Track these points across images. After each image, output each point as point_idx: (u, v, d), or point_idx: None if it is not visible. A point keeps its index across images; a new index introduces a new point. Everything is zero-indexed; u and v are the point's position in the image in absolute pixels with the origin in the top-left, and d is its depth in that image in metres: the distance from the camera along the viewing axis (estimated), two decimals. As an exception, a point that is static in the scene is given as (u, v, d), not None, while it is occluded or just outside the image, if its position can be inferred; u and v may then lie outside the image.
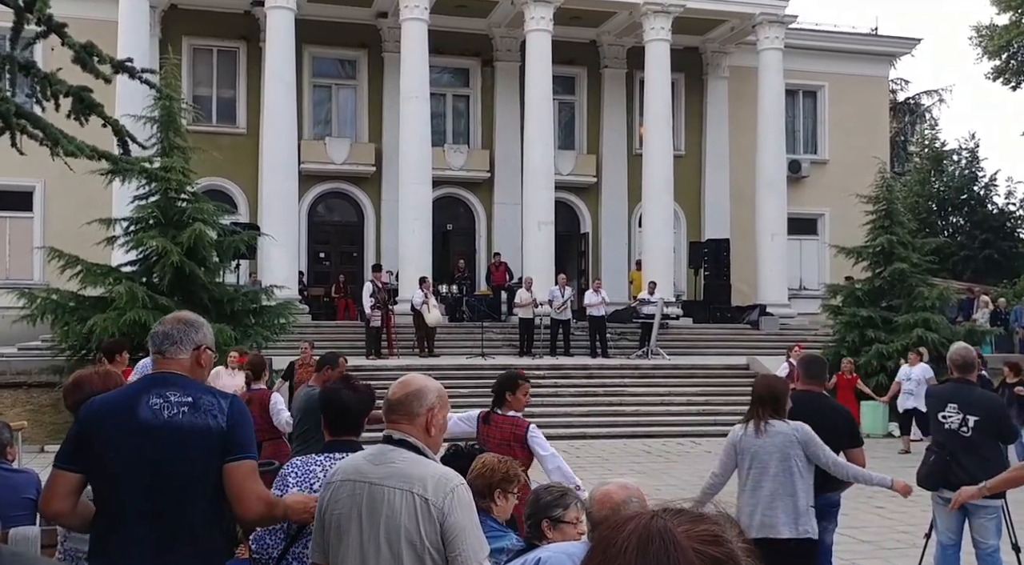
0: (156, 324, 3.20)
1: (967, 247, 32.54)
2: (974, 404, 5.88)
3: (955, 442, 5.75)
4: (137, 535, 2.95)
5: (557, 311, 18.52)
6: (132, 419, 2.98)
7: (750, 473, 5.08)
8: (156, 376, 3.10)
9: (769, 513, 4.97)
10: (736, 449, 5.17)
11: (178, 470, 2.95)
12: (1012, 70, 32.69)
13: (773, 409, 5.14)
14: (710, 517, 1.06)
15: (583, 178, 23.84)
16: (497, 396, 5.73)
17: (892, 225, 18.27)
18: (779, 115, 22.68)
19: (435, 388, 2.97)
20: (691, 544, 1.00)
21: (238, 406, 3.15)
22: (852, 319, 17.67)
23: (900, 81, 40.37)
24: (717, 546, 1.01)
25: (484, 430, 5.63)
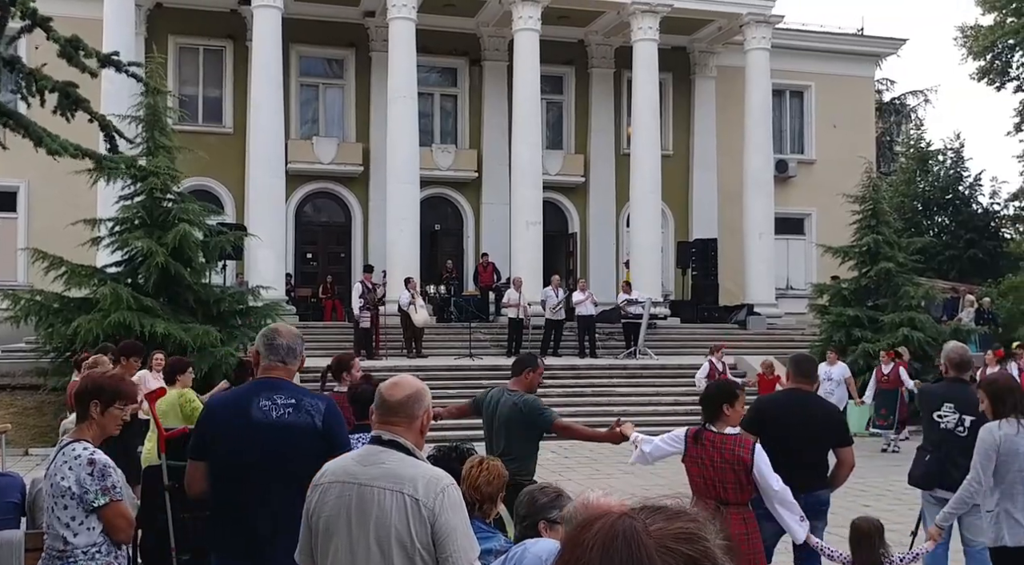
0: (273, 335, 3.75)
1: (952, 247, 32.74)
2: (971, 403, 5.84)
3: (951, 442, 5.77)
4: (247, 521, 3.53)
5: (552, 312, 18.54)
6: (245, 417, 3.55)
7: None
8: (265, 381, 3.67)
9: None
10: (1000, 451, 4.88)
11: (282, 463, 3.49)
12: (996, 70, 32.93)
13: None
14: (688, 515, 1.04)
15: (571, 178, 23.86)
16: (711, 409, 4.94)
17: (878, 225, 18.36)
18: (766, 115, 22.75)
19: (427, 390, 3.01)
20: (663, 542, 0.99)
21: (332, 407, 3.70)
22: (839, 318, 17.75)
23: (886, 81, 40.59)
24: (691, 544, 0.99)
25: (694, 451, 4.89)
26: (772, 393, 8.05)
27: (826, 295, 18.90)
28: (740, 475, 4.74)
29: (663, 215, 23.13)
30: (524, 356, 6.15)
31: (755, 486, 4.81)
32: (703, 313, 21.93)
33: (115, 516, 3.47)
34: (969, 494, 4.99)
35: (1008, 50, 32.48)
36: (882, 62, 28.61)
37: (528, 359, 6.03)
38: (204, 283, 14.60)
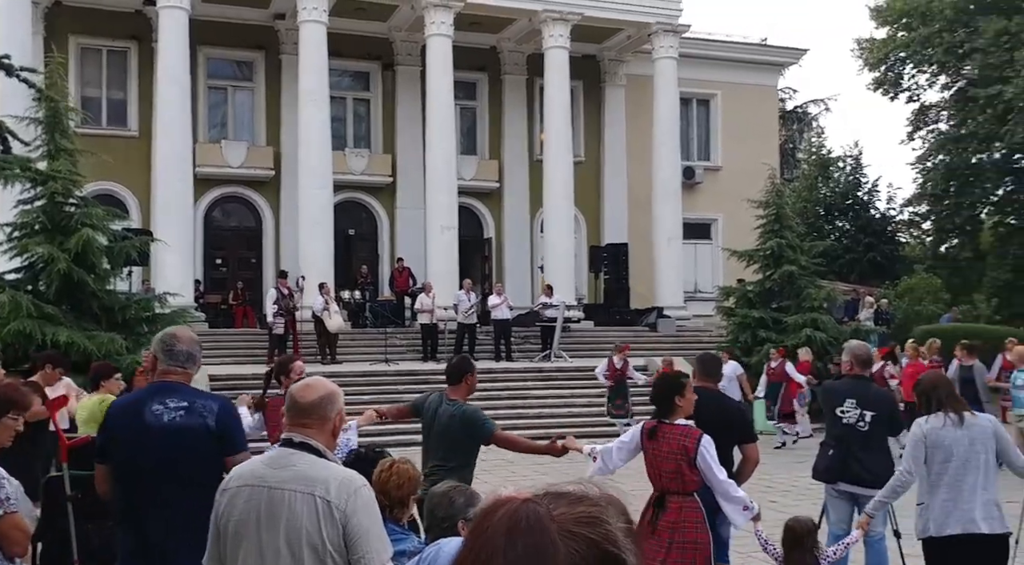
0: (172, 341, 3.77)
1: (852, 250, 33.98)
2: (871, 400, 6.11)
3: (852, 436, 5.96)
4: (143, 525, 3.57)
5: (465, 316, 18.56)
6: (139, 421, 3.60)
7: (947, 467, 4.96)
8: (160, 385, 3.72)
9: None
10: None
11: (176, 467, 3.54)
12: (890, 82, 34.37)
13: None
14: (591, 499, 1.05)
15: (485, 183, 23.96)
16: (663, 403, 5.09)
17: (782, 229, 18.97)
18: (674, 123, 23.26)
19: (340, 392, 3.02)
20: (566, 526, 1.00)
21: (225, 407, 3.77)
22: (744, 320, 18.27)
23: (789, 90, 41.93)
24: (593, 527, 1.00)
25: (650, 445, 5.02)
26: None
27: (732, 297, 19.43)
28: (681, 465, 4.85)
29: (576, 220, 23.43)
30: (459, 361, 5.99)
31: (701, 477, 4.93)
32: (615, 316, 22.29)
33: (10, 528, 3.37)
34: (900, 483, 5.15)
35: (900, 62, 33.95)
36: (785, 72, 29.60)
37: (464, 364, 5.89)
38: (109, 290, 14.13)
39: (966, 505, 4.82)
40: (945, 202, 32.94)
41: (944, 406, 5.01)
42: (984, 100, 29.49)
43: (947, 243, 34.72)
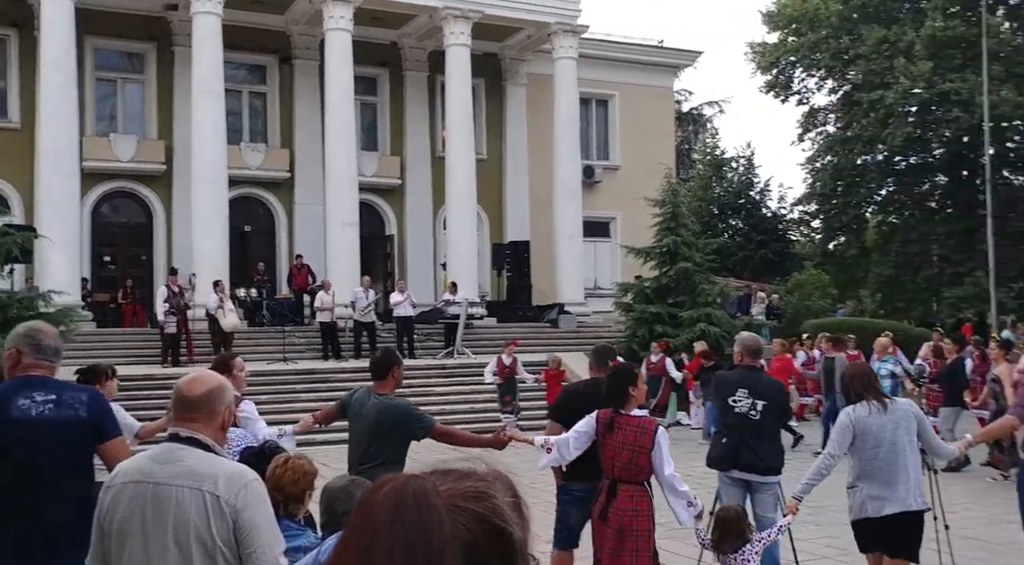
0: (39, 336, 3.71)
1: (745, 248, 35.10)
2: (762, 389, 6.28)
3: (744, 425, 6.11)
4: (16, 521, 3.49)
5: (362, 313, 18.39)
6: (5, 417, 3.50)
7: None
8: (25, 379, 3.61)
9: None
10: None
11: (47, 460, 3.48)
12: (781, 85, 35.64)
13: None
14: (478, 475, 1.06)
15: (387, 180, 23.77)
16: (618, 394, 5.15)
17: (677, 227, 19.46)
18: (574, 122, 23.55)
19: (229, 385, 2.96)
20: (453, 501, 1.00)
21: (96, 397, 3.77)
22: (642, 315, 18.67)
23: (684, 92, 42.99)
24: (480, 502, 1.01)
25: (607, 435, 5.06)
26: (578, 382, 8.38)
27: (630, 293, 19.83)
28: (637, 456, 4.96)
29: (478, 218, 23.48)
30: (384, 355, 5.82)
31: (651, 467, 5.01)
32: (518, 313, 22.45)
33: None
34: (825, 466, 5.37)
35: (790, 66, 35.25)
36: (680, 74, 30.32)
37: (389, 357, 5.73)
38: (-12, 288, 13.51)
39: (900, 486, 5.14)
40: (833, 201, 34.36)
41: (867, 395, 5.32)
42: (867, 104, 30.87)
43: (835, 241, 36.21)
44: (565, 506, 5.90)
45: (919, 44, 29.36)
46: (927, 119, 29.96)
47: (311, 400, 13.94)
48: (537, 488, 9.72)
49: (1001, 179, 30.25)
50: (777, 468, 6.51)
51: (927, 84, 28.80)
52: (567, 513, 5.89)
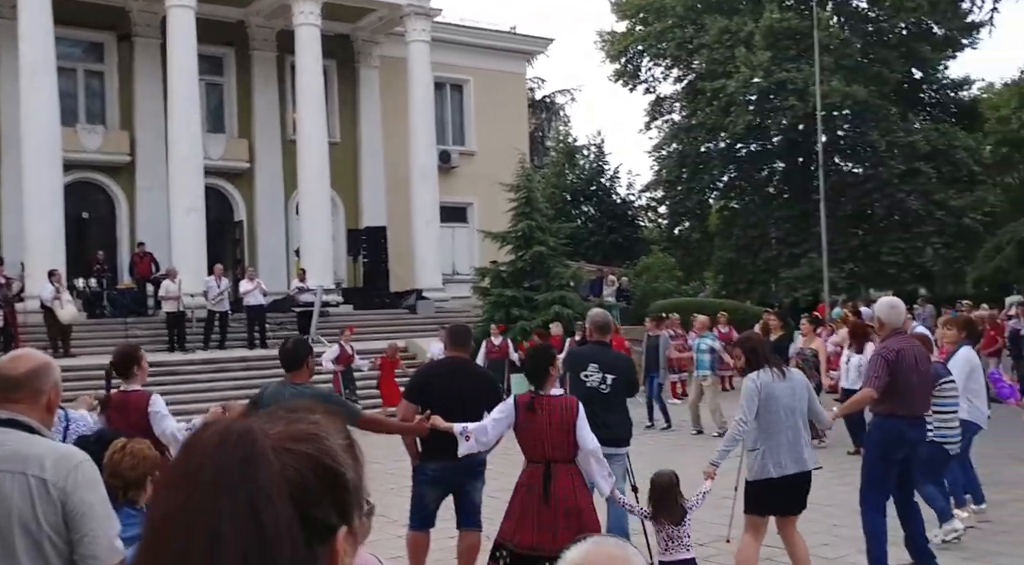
0: None
1: (597, 233, 35.98)
2: (612, 364, 6.52)
3: (596, 398, 6.26)
4: None
5: (214, 302, 17.79)
6: None
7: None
8: None
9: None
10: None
11: None
12: (629, 74, 36.63)
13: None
14: (308, 419, 1.03)
15: (235, 163, 22.98)
16: (539, 374, 5.21)
17: (532, 212, 19.75)
18: (429, 106, 23.46)
19: (55, 365, 2.81)
20: (282, 443, 0.97)
21: None
22: (499, 299, 18.87)
23: (537, 79, 43.57)
24: (311, 443, 0.98)
25: (528, 418, 5.08)
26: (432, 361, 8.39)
27: (487, 278, 20.00)
28: (567, 434, 5.06)
29: (333, 203, 23.06)
30: (296, 345, 5.58)
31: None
32: (375, 299, 22.22)
33: None
34: (738, 432, 5.59)
35: (638, 55, 36.28)
36: (533, 61, 30.70)
37: (302, 347, 5.54)
38: None
39: (798, 447, 5.52)
40: (678, 188, 35.64)
41: (768, 362, 5.64)
42: (710, 93, 32.15)
43: (680, 226, 37.61)
44: (421, 486, 5.92)
45: (758, 35, 30.80)
46: (766, 107, 31.49)
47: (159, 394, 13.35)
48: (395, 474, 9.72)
49: (833, 165, 32.20)
50: (626, 439, 6.75)
51: (765, 74, 30.27)
52: (423, 493, 5.92)
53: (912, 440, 6.15)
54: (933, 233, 30.75)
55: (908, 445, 6.13)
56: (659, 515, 5.31)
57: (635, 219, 39.06)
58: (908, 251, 30.86)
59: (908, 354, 6.13)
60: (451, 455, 5.71)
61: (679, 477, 5.47)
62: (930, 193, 30.75)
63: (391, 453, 10.02)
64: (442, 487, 5.93)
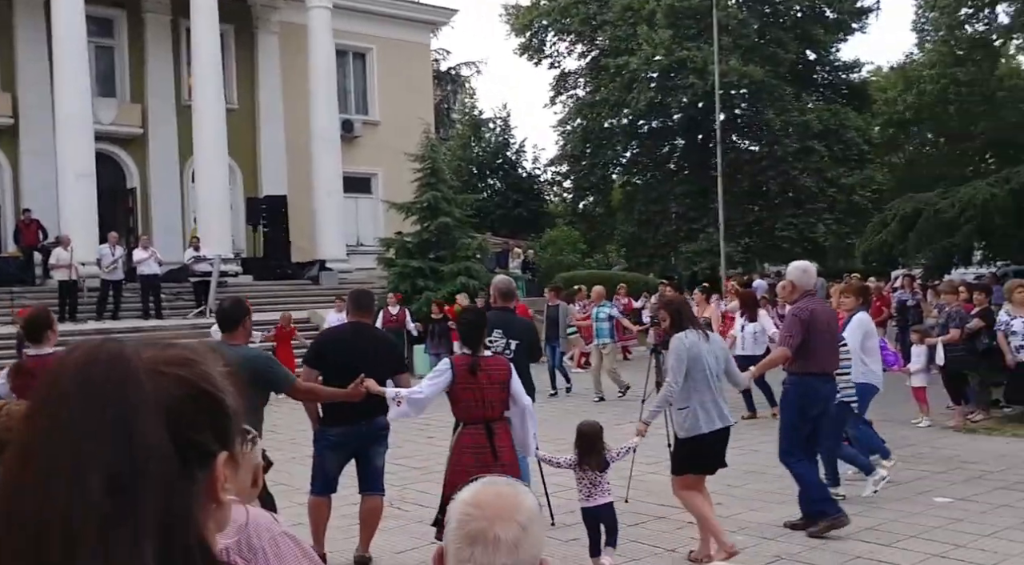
0: None
1: (503, 206, 36.12)
2: (515, 330, 6.60)
3: None
4: None
5: (108, 271, 17.19)
6: None
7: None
8: None
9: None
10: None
11: None
12: (534, 48, 36.71)
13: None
14: (185, 346, 1.01)
15: (127, 129, 22.09)
16: (475, 337, 5.28)
17: (437, 183, 19.65)
18: (330, 74, 23.01)
19: None
20: (155, 366, 0.94)
21: None
22: (404, 270, 18.77)
23: (442, 51, 43.20)
24: (186, 367, 0.96)
25: (469, 380, 5.12)
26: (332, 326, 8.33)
27: (392, 249, 19.85)
28: (504, 392, 5.20)
29: (231, 170, 22.45)
30: (232, 306, 5.45)
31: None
32: (276, 270, 21.80)
33: None
34: (669, 393, 5.76)
35: (543, 30, 36.37)
36: (438, 31, 30.43)
37: (239, 308, 5.38)
38: None
39: (721, 404, 5.79)
40: (582, 163, 36.03)
41: (692, 324, 5.88)
42: (614, 69, 32.52)
43: (584, 200, 38.06)
44: (322, 451, 5.88)
45: (660, 13, 31.25)
46: (667, 85, 32.04)
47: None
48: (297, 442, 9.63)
49: (730, 143, 33.04)
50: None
51: (667, 52, 30.77)
52: (324, 458, 5.87)
53: (825, 396, 6.53)
54: (825, 210, 31.94)
55: (822, 401, 6.49)
56: (584, 462, 5.46)
57: (541, 193, 39.32)
58: (801, 227, 32.00)
59: (820, 315, 6.49)
60: (354, 419, 5.70)
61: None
62: (822, 171, 31.91)
63: (292, 420, 9.94)
64: (345, 452, 5.90)
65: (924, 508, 7.02)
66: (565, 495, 7.60)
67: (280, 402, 7.67)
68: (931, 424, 10.49)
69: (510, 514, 1.61)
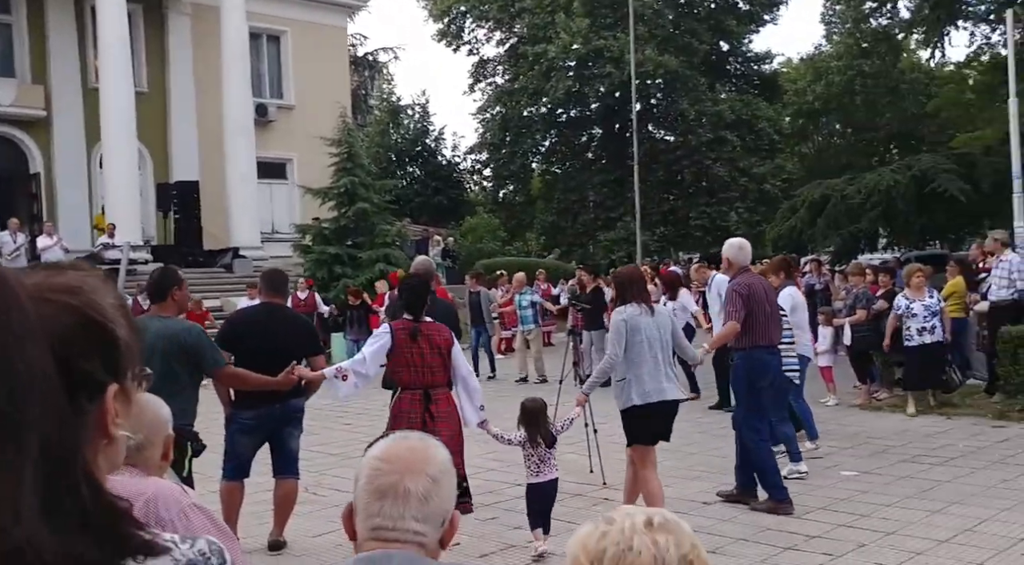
0: None
1: (422, 194, 35.87)
2: (437, 311, 6.50)
3: None
4: None
5: (9, 258, 16.55)
6: None
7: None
8: None
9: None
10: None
11: None
12: (452, 34, 36.51)
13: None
14: (76, 274, 0.97)
15: (29, 111, 21.19)
16: (418, 304, 5.36)
17: (354, 168, 19.42)
18: (244, 58, 22.49)
19: None
20: (41, 293, 0.90)
21: None
22: (321, 256, 18.53)
23: (359, 36, 42.61)
24: (74, 295, 0.92)
25: (409, 345, 5.19)
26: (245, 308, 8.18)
27: (309, 235, 19.56)
28: (445, 358, 5.30)
29: (140, 155, 21.77)
30: (161, 275, 5.14)
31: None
32: (188, 257, 21.24)
33: None
34: (609, 365, 5.86)
35: (461, 16, 36.19)
36: (354, 15, 29.97)
37: (167, 277, 5.06)
38: None
39: (661, 377, 5.80)
40: (502, 151, 36.02)
41: (637, 298, 5.90)
42: (532, 57, 32.57)
43: (504, 189, 38.09)
44: (234, 435, 5.77)
45: (577, 1, 31.42)
46: (584, 74, 32.25)
47: None
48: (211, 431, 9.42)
49: (647, 133, 33.48)
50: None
51: (584, 40, 30.96)
52: (236, 442, 5.77)
53: (774, 367, 6.73)
54: (737, 198, 32.66)
55: (771, 372, 6.69)
56: (534, 438, 5.50)
57: (461, 181, 39.20)
58: (714, 215, 32.66)
59: (758, 288, 6.68)
60: (268, 402, 5.60)
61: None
62: (734, 161, 32.60)
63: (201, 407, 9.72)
64: (258, 435, 5.79)
65: (831, 481, 7.27)
66: (484, 476, 7.64)
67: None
68: (838, 403, 10.85)
69: (420, 467, 1.61)
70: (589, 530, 1.37)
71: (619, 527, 1.35)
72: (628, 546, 1.31)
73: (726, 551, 5.53)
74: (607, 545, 1.32)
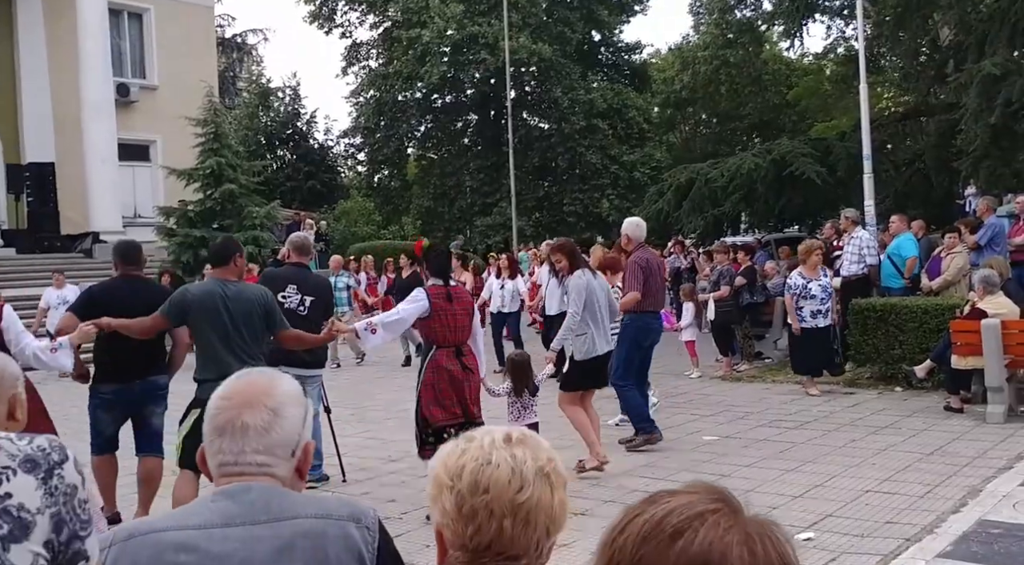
0: None
1: (293, 178, 35.10)
2: (311, 286, 6.60)
3: (294, 320, 6.18)
4: None
5: None
6: None
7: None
8: None
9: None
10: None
11: None
12: (324, 16, 35.81)
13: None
14: None
15: None
16: (444, 270, 5.84)
17: (221, 148, 18.84)
18: (103, 35, 21.44)
19: None
20: None
21: None
22: (186, 240, 17.92)
23: (227, 17, 41.30)
24: None
25: (447, 306, 5.60)
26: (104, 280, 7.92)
27: (173, 218, 18.88)
28: (471, 318, 5.83)
29: (-12, 136, 20.49)
30: (225, 241, 5.68)
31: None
32: (43, 243, 20.25)
33: None
34: (573, 323, 6.73)
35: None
36: (222, -6, 28.98)
37: (231, 243, 5.54)
38: None
39: (606, 332, 6.90)
40: (377, 136, 35.57)
41: (585, 265, 7.02)
42: (406, 42, 32.28)
43: (379, 173, 37.67)
44: (96, 411, 5.68)
45: (451, -14, 31.31)
46: (459, 60, 32.20)
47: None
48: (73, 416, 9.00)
49: (521, 120, 33.75)
50: (321, 362, 6.87)
51: (459, 26, 30.90)
52: (98, 418, 5.68)
53: (657, 329, 7.79)
54: (608, 185, 33.33)
55: (654, 333, 7.73)
56: (521, 388, 6.18)
57: (334, 165, 38.55)
58: (586, 202, 33.26)
59: (652, 262, 7.82)
60: (126, 378, 5.51)
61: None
62: (606, 148, 33.26)
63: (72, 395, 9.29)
64: (118, 411, 5.68)
65: (694, 446, 7.59)
66: (358, 454, 7.61)
67: (49, 378, 7.07)
68: (701, 375, 11.30)
69: (258, 400, 1.62)
70: (450, 449, 1.42)
71: (478, 444, 1.39)
72: (487, 460, 1.36)
73: (595, 513, 5.70)
74: (466, 461, 1.37)
